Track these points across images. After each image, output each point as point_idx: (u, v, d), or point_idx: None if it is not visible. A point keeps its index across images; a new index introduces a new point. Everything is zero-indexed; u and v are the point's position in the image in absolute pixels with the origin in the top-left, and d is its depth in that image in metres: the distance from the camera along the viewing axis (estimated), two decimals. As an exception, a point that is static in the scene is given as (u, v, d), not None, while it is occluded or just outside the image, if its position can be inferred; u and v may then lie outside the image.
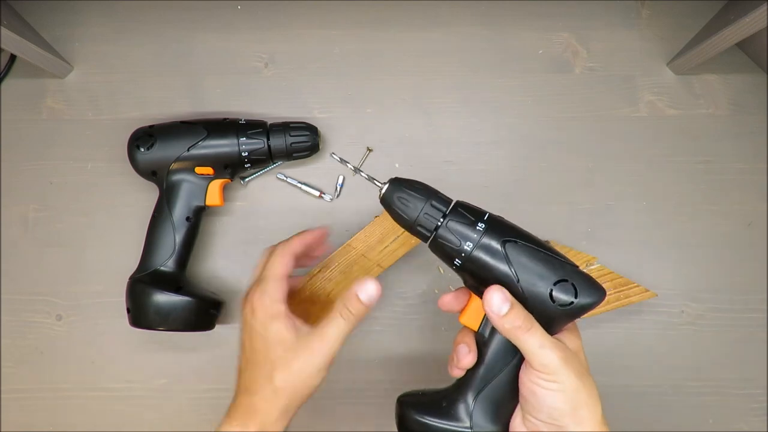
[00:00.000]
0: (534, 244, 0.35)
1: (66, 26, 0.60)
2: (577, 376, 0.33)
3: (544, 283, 0.33)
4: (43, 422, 0.55)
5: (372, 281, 0.37)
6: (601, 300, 0.34)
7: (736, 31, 0.49)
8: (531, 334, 0.33)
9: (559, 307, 0.33)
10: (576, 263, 0.36)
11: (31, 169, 0.58)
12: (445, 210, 0.36)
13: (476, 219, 0.36)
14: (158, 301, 0.48)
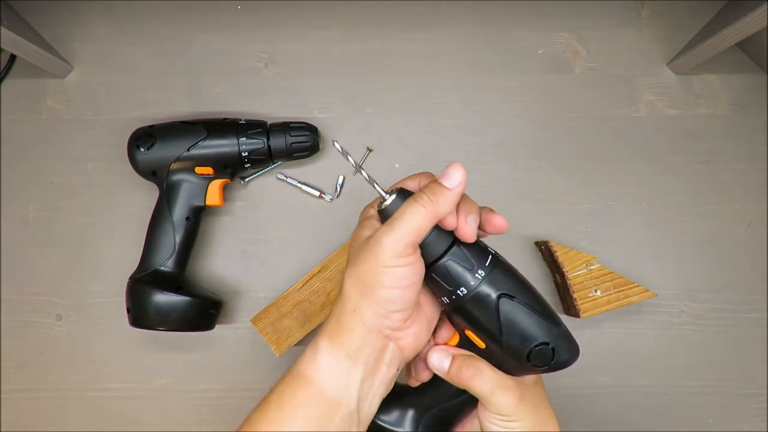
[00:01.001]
0: (528, 301, 0.33)
1: (66, 26, 0.60)
2: (535, 410, 0.33)
3: (525, 344, 0.32)
4: (43, 422, 0.55)
5: (458, 165, 0.31)
6: (574, 360, 0.33)
7: (736, 31, 0.49)
8: (479, 381, 0.33)
9: (533, 366, 0.33)
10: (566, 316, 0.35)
11: (31, 169, 0.58)
12: (450, 242, 0.32)
13: (477, 263, 0.32)
14: (158, 301, 0.48)
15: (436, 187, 0.30)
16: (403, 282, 0.30)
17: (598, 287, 0.52)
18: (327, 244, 0.56)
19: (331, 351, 0.31)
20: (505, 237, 0.57)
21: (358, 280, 0.31)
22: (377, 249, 0.29)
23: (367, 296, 0.30)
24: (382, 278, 0.30)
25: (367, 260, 0.30)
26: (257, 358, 0.55)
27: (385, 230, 0.30)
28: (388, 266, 0.29)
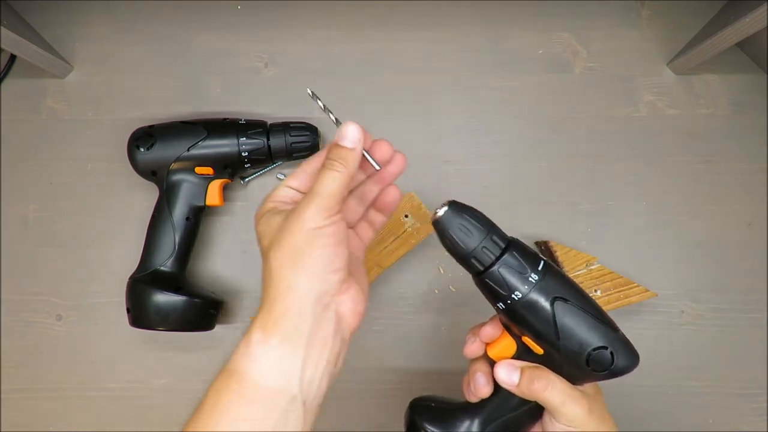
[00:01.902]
0: (582, 305, 0.33)
1: (66, 26, 0.60)
2: (600, 420, 0.34)
3: (583, 348, 0.33)
4: (43, 422, 0.55)
5: (350, 124, 0.34)
6: (634, 367, 0.34)
7: (736, 31, 0.49)
8: (550, 393, 0.33)
9: (593, 371, 0.33)
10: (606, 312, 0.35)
11: (31, 169, 0.58)
12: (502, 247, 0.33)
13: (530, 267, 0.33)
14: (158, 301, 0.48)
15: (339, 150, 0.33)
16: (333, 239, 0.31)
17: (598, 287, 0.52)
18: (327, 244, 0.56)
19: (264, 339, 0.30)
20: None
21: (289, 255, 0.31)
22: (304, 217, 0.31)
23: (302, 266, 0.30)
24: (314, 241, 0.30)
25: (294, 232, 0.31)
26: (257, 358, 0.55)
27: (307, 200, 0.31)
28: (318, 227, 0.30)
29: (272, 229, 0.32)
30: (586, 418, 0.33)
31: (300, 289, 0.30)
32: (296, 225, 0.31)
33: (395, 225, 0.51)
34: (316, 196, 0.31)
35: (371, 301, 0.56)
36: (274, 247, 0.31)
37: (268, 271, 0.31)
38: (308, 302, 0.30)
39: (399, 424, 0.55)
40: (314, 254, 0.30)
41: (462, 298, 0.56)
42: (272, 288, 0.31)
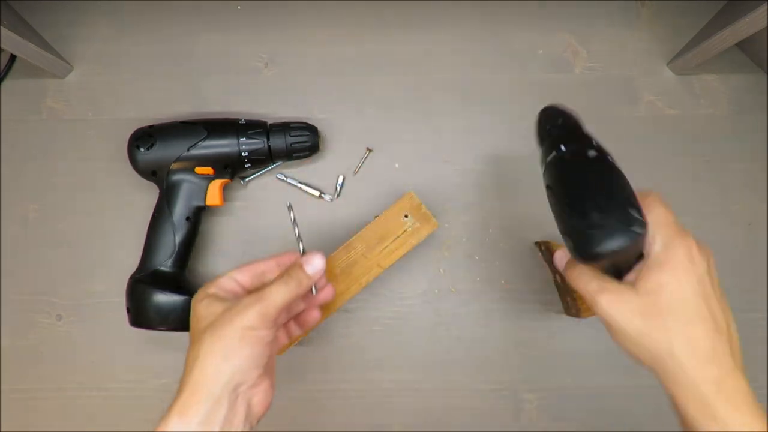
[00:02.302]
0: (560, 193, 0.35)
1: (66, 26, 0.60)
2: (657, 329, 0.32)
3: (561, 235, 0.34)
4: (43, 422, 0.55)
5: (319, 256, 0.40)
6: (605, 249, 0.31)
7: (736, 31, 0.49)
8: (581, 282, 0.35)
9: (577, 257, 0.33)
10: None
11: (31, 169, 0.58)
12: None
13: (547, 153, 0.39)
14: (158, 301, 0.48)
15: (300, 273, 0.38)
16: (263, 341, 0.35)
17: (598, 287, 0.52)
18: (327, 244, 0.56)
19: (184, 422, 0.33)
20: (506, 237, 0.57)
21: (221, 346, 0.34)
22: (245, 315, 0.34)
23: (230, 359, 0.34)
24: (247, 339, 0.34)
25: (233, 324, 0.34)
26: (257, 358, 0.55)
27: (253, 301, 0.35)
28: (254, 328, 0.34)
29: (212, 315, 0.35)
30: (623, 329, 0.32)
31: (223, 380, 0.33)
32: (236, 319, 0.34)
33: (395, 225, 0.51)
34: (262, 301, 0.35)
35: (371, 301, 0.56)
36: (209, 333, 0.34)
37: (196, 355, 0.34)
38: (227, 391, 0.33)
39: (399, 424, 0.56)
40: (244, 351, 0.34)
41: (462, 298, 0.56)
42: (196, 373, 0.33)
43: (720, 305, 0.32)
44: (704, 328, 0.31)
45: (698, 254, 0.33)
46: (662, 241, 0.33)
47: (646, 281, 0.32)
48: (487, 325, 0.56)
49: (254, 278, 0.40)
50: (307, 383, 0.55)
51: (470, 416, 0.55)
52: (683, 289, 0.32)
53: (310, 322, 0.44)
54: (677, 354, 0.31)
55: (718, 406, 0.31)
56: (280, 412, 0.55)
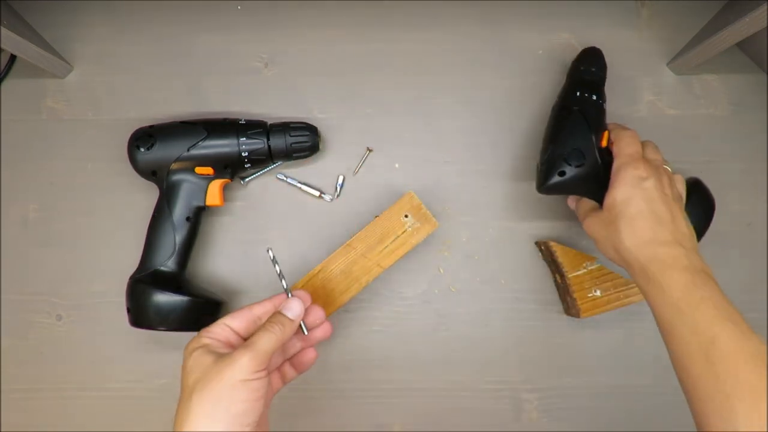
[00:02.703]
0: (548, 127, 0.51)
1: (66, 26, 0.60)
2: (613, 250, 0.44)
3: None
4: (43, 422, 0.55)
5: (297, 301, 0.40)
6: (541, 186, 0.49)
7: (736, 31, 0.49)
8: (576, 209, 0.50)
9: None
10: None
11: (31, 169, 0.58)
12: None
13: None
14: (158, 301, 0.48)
15: (282, 318, 0.39)
16: (256, 394, 0.34)
17: (598, 287, 0.52)
18: (327, 244, 0.56)
19: None
20: (506, 237, 0.57)
21: (211, 402, 0.33)
22: (235, 366, 0.34)
23: (221, 416, 0.33)
24: (239, 393, 0.34)
25: (223, 378, 0.34)
26: (257, 358, 0.55)
27: (242, 351, 0.35)
28: (245, 379, 0.34)
29: (201, 368, 0.35)
30: (599, 239, 0.45)
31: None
32: (226, 372, 0.34)
33: (395, 225, 0.51)
34: (250, 350, 0.35)
35: (371, 301, 0.56)
36: (198, 389, 0.34)
37: (186, 412, 0.33)
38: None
39: (399, 424, 0.56)
40: (235, 406, 0.33)
41: (462, 298, 0.56)
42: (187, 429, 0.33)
43: (665, 206, 0.42)
44: (645, 222, 0.41)
45: (644, 172, 0.43)
46: (617, 168, 0.44)
47: (606, 200, 0.44)
48: (487, 325, 0.56)
49: (250, 324, 0.40)
50: (307, 383, 0.55)
51: (470, 416, 0.55)
52: (628, 199, 0.42)
53: (306, 363, 0.44)
54: (627, 244, 0.41)
55: (651, 269, 0.40)
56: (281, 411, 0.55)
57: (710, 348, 0.35)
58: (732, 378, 0.33)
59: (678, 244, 0.40)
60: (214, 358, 0.35)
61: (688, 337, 0.36)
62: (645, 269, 0.40)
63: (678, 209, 0.43)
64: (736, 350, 0.34)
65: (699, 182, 0.50)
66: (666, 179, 0.44)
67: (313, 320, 0.43)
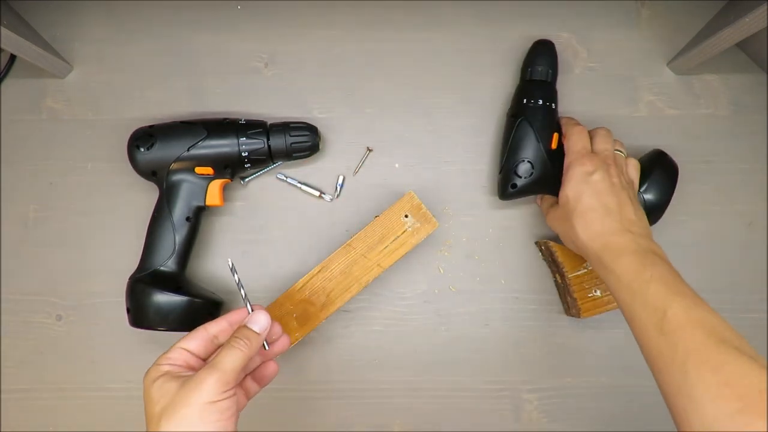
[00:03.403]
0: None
1: (66, 26, 0.60)
2: (570, 242, 0.48)
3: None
4: (43, 422, 0.55)
5: (263, 313, 0.39)
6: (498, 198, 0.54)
7: (736, 31, 0.49)
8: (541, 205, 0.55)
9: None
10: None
11: (31, 169, 0.58)
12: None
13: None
14: (158, 301, 0.48)
15: (248, 332, 0.37)
16: (226, 414, 0.33)
17: (598, 287, 0.52)
18: (327, 244, 0.56)
19: None
20: (506, 237, 0.57)
21: (184, 426, 0.32)
22: (202, 388, 0.33)
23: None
24: (208, 416, 0.33)
25: (189, 403, 0.33)
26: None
27: (207, 372, 0.34)
28: (213, 401, 0.33)
29: (166, 397, 0.34)
30: (560, 233, 0.49)
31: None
32: (192, 396, 0.33)
33: (395, 225, 0.51)
34: (216, 370, 0.34)
35: (371, 301, 0.56)
36: (166, 416, 0.33)
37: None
38: None
39: (398, 424, 0.56)
40: (207, 428, 0.32)
41: (462, 298, 0.56)
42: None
43: (613, 196, 0.45)
44: (595, 215, 0.44)
45: (591, 167, 0.46)
46: (566, 166, 0.48)
47: (560, 197, 0.48)
48: (487, 325, 0.56)
49: (207, 344, 0.38)
50: (307, 383, 0.55)
51: (470, 416, 0.55)
52: (578, 195, 0.45)
53: (268, 376, 0.43)
54: (582, 238, 0.45)
55: (605, 258, 0.42)
56: (281, 411, 0.55)
57: (662, 321, 0.36)
58: (683, 345, 0.35)
59: (626, 231, 0.43)
60: (178, 383, 0.34)
61: (643, 314, 0.38)
62: (600, 259, 0.43)
63: (626, 197, 0.45)
64: (686, 320, 0.36)
65: (661, 153, 0.53)
66: (614, 169, 0.46)
67: (270, 334, 0.42)
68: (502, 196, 0.53)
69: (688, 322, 0.35)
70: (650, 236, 0.44)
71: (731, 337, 0.35)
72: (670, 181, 0.51)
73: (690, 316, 0.36)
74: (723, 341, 0.34)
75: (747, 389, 0.31)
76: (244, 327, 0.38)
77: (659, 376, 0.36)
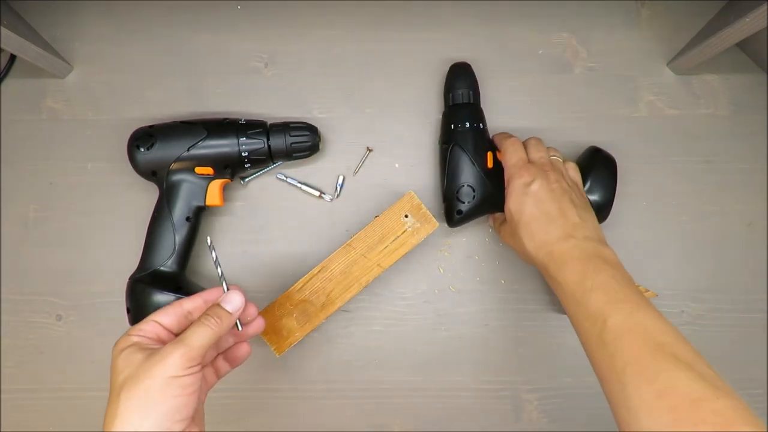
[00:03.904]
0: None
1: (66, 26, 0.60)
2: (511, 237, 0.49)
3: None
4: (43, 422, 0.55)
5: (237, 293, 0.39)
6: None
7: (736, 31, 0.49)
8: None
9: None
10: None
11: (31, 169, 0.58)
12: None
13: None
14: (158, 301, 0.48)
15: (219, 311, 0.37)
16: (188, 389, 0.33)
17: (598, 287, 0.52)
18: (327, 244, 0.56)
19: None
20: (505, 237, 0.57)
21: (140, 399, 0.32)
22: (166, 362, 0.33)
23: (150, 413, 0.32)
24: (169, 389, 0.32)
25: (152, 375, 0.32)
26: (257, 358, 0.55)
27: (173, 347, 0.33)
28: (176, 375, 0.33)
29: (130, 367, 0.33)
30: (514, 248, 0.49)
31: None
32: (156, 369, 0.32)
33: (395, 225, 0.51)
34: (182, 345, 0.33)
35: (371, 301, 0.56)
36: (127, 387, 0.32)
37: (115, 410, 0.32)
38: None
39: (399, 424, 0.56)
40: (166, 403, 0.32)
41: (462, 298, 0.56)
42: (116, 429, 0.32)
43: (554, 203, 0.44)
44: (538, 224, 0.44)
45: (528, 177, 0.46)
46: (506, 180, 0.48)
47: (505, 213, 0.48)
48: (487, 325, 0.56)
49: (180, 319, 0.38)
50: (307, 383, 0.55)
51: (470, 416, 0.55)
52: (520, 208, 0.46)
53: (240, 357, 0.42)
54: (529, 249, 0.45)
55: (550, 268, 0.42)
56: (281, 411, 0.55)
57: (603, 330, 0.36)
58: (620, 356, 0.34)
59: (569, 237, 0.43)
60: (144, 355, 0.34)
61: (586, 324, 0.38)
62: (546, 269, 0.43)
63: (568, 201, 0.45)
64: (625, 328, 0.35)
65: (596, 150, 0.53)
66: (552, 175, 0.46)
67: (245, 315, 0.41)
68: (450, 223, 0.52)
69: (626, 331, 0.35)
70: (599, 238, 0.44)
71: (670, 342, 0.34)
72: (610, 176, 0.51)
73: (629, 323, 0.35)
74: (660, 348, 0.33)
75: (680, 400, 0.31)
76: (217, 305, 0.38)
77: (603, 386, 0.36)
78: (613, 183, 0.51)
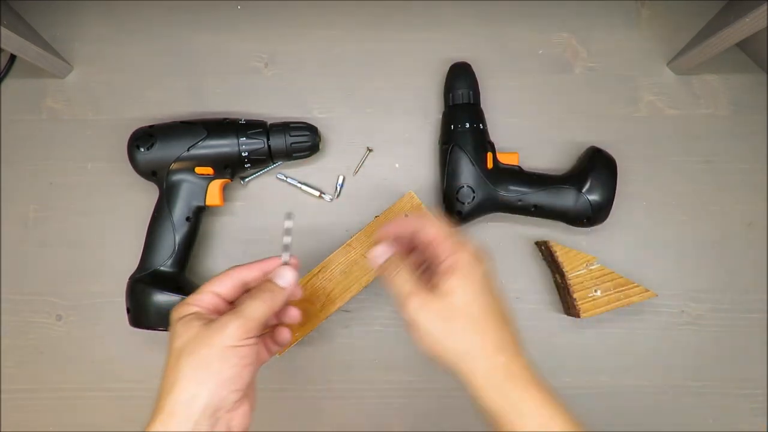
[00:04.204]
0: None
1: (66, 26, 0.60)
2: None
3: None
4: (43, 422, 0.55)
5: (290, 269, 0.39)
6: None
7: (736, 31, 0.49)
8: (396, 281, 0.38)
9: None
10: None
11: (31, 169, 0.58)
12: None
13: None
14: (158, 301, 0.48)
15: (272, 286, 0.37)
16: (244, 360, 0.34)
17: (598, 287, 0.52)
18: (327, 244, 0.56)
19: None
20: (506, 237, 0.57)
21: (199, 366, 0.33)
22: (225, 332, 0.33)
23: (208, 381, 0.32)
24: (227, 359, 0.33)
25: (211, 344, 0.33)
26: (257, 358, 0.55)
27: (231, 317, 0.34)
28: (234, 345, 0.33)
29: (189, 333, 0.34)
30: (429, 319, 0.36)
31: (200, 403, 0.32)
32: (215, 337, 0.33)
33: (395, 225, 0.51)
34: (240, 316, 0.34)
35: (372, 300, 0.56)
36: (186, 353, 0.33)
37: (175, 375, 0.33)
38: (206, 417, 0.32)
39: (398, 424, 0.56)
40: (223, 372, 0.33)
41: (462, 298, 0.56)
42: (174, 397, 0.32)
43: (502, 300, 0.37)
44: (493, 322, 0.36)
45: (478, 258, 0.37)
46: (450, 249, 0.37)
47: (442, 285, 0.36)
48: (487, 325, 0.56)
49: (236, 289, 0.38)
50: (307, 383, 0.55)
51: (470, 416, 0.55)
52: (472, 290, 0.36)
53: (281, 341, 0.42)
54: (471, 348, 0.35)
55: (509, 390, 0.35)
56: (281, 411, 0.55)
57: None
58: None
59: (522, 353, 0.38)
60: (202, 323, 0.34)
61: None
62: (499, 387, 0.36)
63: (506, 300, 0.39)
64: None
65: (597, 150, 0.53)
66: (491, 263, 0.39)
67: (293, 294, 0.40)
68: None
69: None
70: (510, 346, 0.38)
71: None
72: (611, 176, 0.51)
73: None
74: None
75: None
76: (269, 281, 0.38)
77: None
78: (613, 183, 0.51)
